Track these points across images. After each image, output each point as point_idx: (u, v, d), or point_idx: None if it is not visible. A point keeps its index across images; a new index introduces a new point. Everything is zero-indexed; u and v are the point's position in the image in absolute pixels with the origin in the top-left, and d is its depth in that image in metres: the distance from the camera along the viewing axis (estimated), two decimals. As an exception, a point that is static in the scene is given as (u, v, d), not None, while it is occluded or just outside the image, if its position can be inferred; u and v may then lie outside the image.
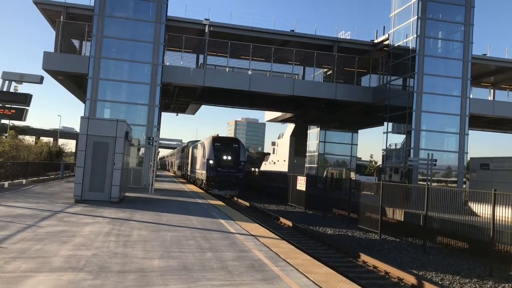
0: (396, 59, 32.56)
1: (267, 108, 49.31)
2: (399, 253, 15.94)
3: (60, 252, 8.33)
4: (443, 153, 30.34)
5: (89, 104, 28.25)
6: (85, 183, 17.01)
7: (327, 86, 35.76)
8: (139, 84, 29.65)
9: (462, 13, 30.96)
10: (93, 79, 28.33)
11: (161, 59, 29.57)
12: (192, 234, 11.35)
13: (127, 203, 18.14)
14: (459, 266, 14.17)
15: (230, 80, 33.68)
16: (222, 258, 8.77)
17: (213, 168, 31.85)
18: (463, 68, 30.53)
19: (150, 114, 29.26)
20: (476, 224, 15.72)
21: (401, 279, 11.98)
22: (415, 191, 20.33)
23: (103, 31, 28.56)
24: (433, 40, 31.32)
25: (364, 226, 20.83)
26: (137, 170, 29.02)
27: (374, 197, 21.58)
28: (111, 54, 29.14)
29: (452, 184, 30.00)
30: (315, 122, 47.24)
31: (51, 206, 15.14)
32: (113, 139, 17.39)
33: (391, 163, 32.97)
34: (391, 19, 33.30)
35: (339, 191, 30.23)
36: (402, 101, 31.21)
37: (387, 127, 33.14)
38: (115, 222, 12.51)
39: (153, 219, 13.79)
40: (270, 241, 11.11)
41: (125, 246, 9.34)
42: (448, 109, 30.55)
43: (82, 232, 10.57)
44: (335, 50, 35.76)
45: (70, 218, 12.72)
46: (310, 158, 48.50)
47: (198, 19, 33.93)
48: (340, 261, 13.95)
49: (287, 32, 35.65)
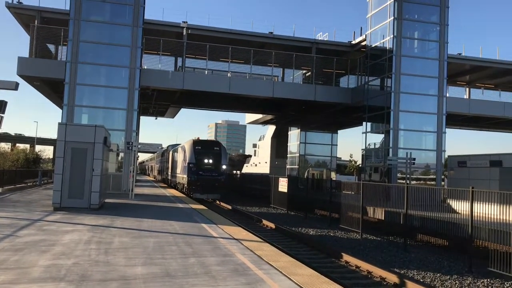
0: (373, 60, 32.94)
1: (248, 110, 49.31)
2: (380, 252, 16.09)
3: (40, 262, 8.17)
4: (421, 152, 30.81)
5: (66, 110, 27.79)
6: (64, 190, 16.74)
7: (307, 88, 35.95)
8: (117, 88, 29.30)
9: (437, 13, 31.52)
10: (70, 84, 27.89)
11: (138, 62, 29.28)
12: (174, 240, 11.27)
13: (107, 209, 17.90)
14: (439, 263, 14.38)
15: (209, 83, 33.56)
16: (206, 263, 8.72)
17: (194, 172, 31.58)
18: (439, 67, 31.06)
19: (129, 118, 28.94)
20: (455, 221, 15.98)
21: (384, 278, 12.09)
22: (394, 190, 20.58)
23: (79, 35, 28.15)
24: (410, 40, 31.79)
25: (345, 226, 20.97)
26: (116, 175, 28.67)
27: (354, 197, 21.76)
28: (88, 59, 28.73)
29: (430, 182, 30.47)
30: (296, 123, 47.47)
31: (29, 215, 14.86)
32: (92, 145, 17.16)
33: (371, 163, 33.32)
34: (368, 20, 33.68)
35: (320, 191, 30.43)
36: (380, 101, 31.58)
37: (366, 127, 33.53)
38: (95, 230, 12.34)
39: (134, 225, 13.64)
40: (253, 244, 11.10)
41: (107, 253, 9.21)
42: (425, 108, 31.03)
43: (62, 241, 10.40)
44: (313, 52, 35.99)
45: (49, 227, 12.49)
46: (291, 159, 48.69)
47: (175, 22, 33.75)
48: (323, 262, 14.02)
49: (266, 34, 35.73)
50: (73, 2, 28.05)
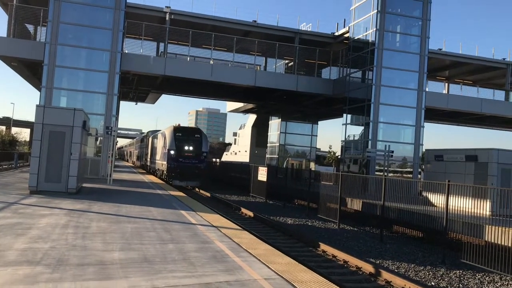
0: (355, 52, 33.09)
1: (229, 98, 49.12)
2: (357, 242, 16.33)
3: (15, 245, 8.06)
4: (399, 145, 31.23)
5: (44, 92, 27.26)
6: (41, 173, 16.48)
7: (289, 78, 35.95)
8: (97, 72, 28.82)
9: (419, 8, 31.78)
10: (48, 66, 27.31)
11: (120, 46, 28.84)
12: (152, 226, 11.24)
13: (84, 194, 17.73)
14: (414, 255, 14.68)
15: (191, 70, 33.26)
16: (184, 249, 8.74)
17: (174, 159, 31.38)
18: (420, 62, 31.40)
19: (109, 103, 28.55)
20: (430, 213, 16.31)
21: (359, 268, 12.30)
22: (372, 182, 20.87)
23: (60, 16, 27.51)
24: (392, 34, 32.01)
25: (323, 216, 21.21)
26: (95, 160, 28.35)
27: (333, 188, 22.01)
28: (68, 41, 28.16)
29: (407, 175, 30.96)
30: (277, 113, 47.55)
31: (5, 198, 14.61)
32: (70, 128, 16.89)
33: (350, 154, 33.63)
34: (352, 12, 33.76)
35: (299, 181, 30.63)
36: (361, 93, 31.82)
37: (346, 118, 33.78)
38: (72, 214, 12.22)
39: (112, 210, 13.55)
40: (231, 232, 11.14)
41: (84, 238, 9.15)
42: (405, 101, 31.39)
43: (39, 224, 10.27)
44: (296, 42, 35.95)
45: (25, 210, 12.31)
46: (271, 149, 48.84)
47: (158, 7, 33.25)
48: (300, 251, 14.17)
49: (249, 23, 35.53)
50: (54, -18, 27.41)
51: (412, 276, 12.16)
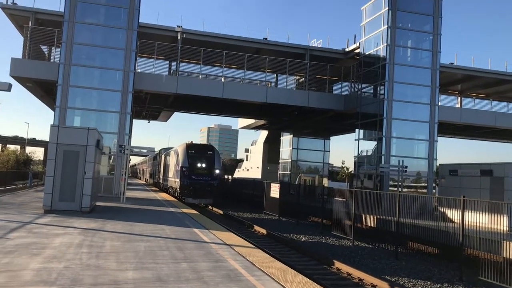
0: (367, 67, 33.12)
1: (240, 115, 49.35)
2: (372, 260, 16.13)
3: (31, 265, 8.10)
4: (413, 160, 30.93)
5: (58, 112, 27.66)
6: (55, 192, 16.62)
7: (300, 94, 36.06)
8: (110, 91, 29.21)
9: (430, 22, 31.79)
10: (62, 86, 27.76)
11: (132, 66, 29.24)
12: (166, 244, 11.22)
13: (98, 212, 17.81)
14: (430, 272, 14.44)
15: (203, 87, 33.56)
16: (197, 268, 8.70)
17: (187, 176, 31.14)
18: (432, 76, 31.31)
19: (122, 121, 28.85)
20: (446, 229, 16.06)
21: (375, 286, 12.12)
22: (386, 198, 20.66)
23: (74, 37, 28.05)
24: (403, 49, 32.00)
25: (337, 232, 21.00)
26: (108, 178, 28.54)
27: (346, 204, 21.81)
28: (82, 61, 28.63)
29: (422, 190, 30.63)
30: (288, 129, 47.55)
31: (20, 217, 14.73)
32: (84, 147, 17.07)
33: (363, 170, 33.42)
34: (362, 28, 33.89)
35: (312, 197, 30.43)
36: (373, 108, 31.75)
37: (359, 134, 33.64)
38: (86, 233, 12.26)
39: (126, 229, 13.57)
40: (245, 250, 11.08)
41: (98, 257, 9.16)
42: (418, 116, 31.23)
43: (53, 244, 10.32)
44: (307, 58, 36.13)
45: (40, 229, 12.39)
46: (283, 165, 48.72)
47: (170, 26, 33.74)
48: (314, 269, 14.02)
49: (260, 40, 35.82)
50: (68, 4, 28.01)
51: (429, 294, 11.94)
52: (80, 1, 28.29)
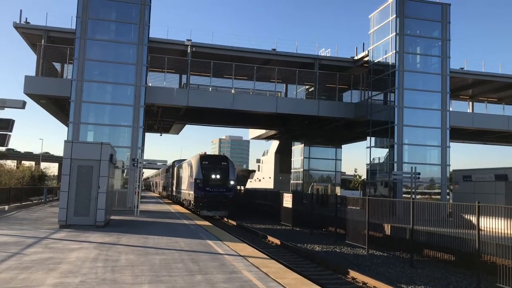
0: (376, 75, 33.10)
1: (251, 125, 49.45)
2: (387, 268, 16.01)
3: (47, 281, 8.21)
4: (425, 166, 30.72)
5: (72, 127, 28.03)
6: (70, 207, 16.81)
7: (310, 103, 36.10)
8: (122, 106, 29.54)
9: (439, 28, 31.76)
10: (75, 102, 28.16)
11: (144, 80, 29.57)
12: (180, 257, 11.28)
13: (113, 226, 17.94)
14: (446, 279, 14.29)
15: (213, 99, 33.77)
16: (212, 280, 8.73)
17: (201, 188, 30.59)
18: (442, 82, 31.19)
19: (134, 135, 29.13)
20: (461, 236, 15.89)
21: (391, 294, 12.02)
22: (400, 205, 20.53)
23: (85, 54, 28.51)
24: (412, 56, 31.97)
25: (351, 241, 20.88)
26: (121, 192, 28.74)
27: (360, 212, 21.69)
28: (94, 77, 29.06)
29: (435, 196, 30.36)
30: (299, 138, 47.50)
31: (36, 233, 14.91)
32: (98, 162, 17.27)
33: (376, 177, 33.25)
34: (370, 36, 33.94)
35: (325, 207, 30.29)
36: (383, 115, 31.67)
37: (370, 141, 33.52)
38: (101, 247, 12.37)
39: (140, 242, 13.67)
40: (259, 261, 11.09)
41: (113, 271, 9.24)
42: (429, 122, 31.08)
43: (69, 259, 10.43)
44: (316, 68, 36.20)
45: (55, 244, 12.53)
46: (295, 174, 48.62)
47: (180, 40, 34.10)
48: (329, 279, 13.95)
49: (269, 51, 36.00)
50: (79, 21, 28.51)
51: (446, 301, 11.81)
52: (91, 18, 28.79)
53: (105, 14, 29.68)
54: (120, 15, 29.93)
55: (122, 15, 29.92)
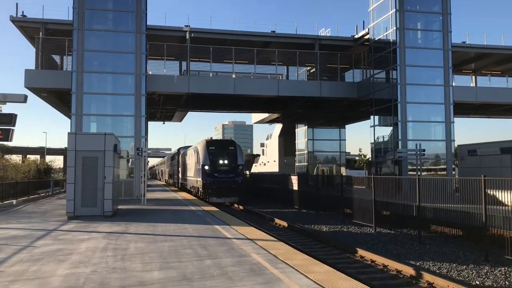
0: (377, 53, 32.84)
1: (254, 110, 49.34)
2: (395, 245, 16.06)
3: (58, 272, 8.27)
4: (430, 142, 30.68)
5: (74, 119, 28.05)
6: (77, 199, 16.90)
7: (312, 84, 35.90)
8: (123, 95, 29.52)
9: (439, 3, 31.37)
10: (77, 94, 28.14)
11: (144, 68, 29.46)
12: (189, 243, 11.35)
13: (120, 216, 18.05)
14: (454, 254, 14.33)
15: (214, 85, 33.65)
16: (221, 264, 8.79)
17: (209, 174, 29.71)
18: (444, 57, 30.93)
19: (137, 124, 29.13)
20: (468, 210, 15.89)
21: (400, 271, 12.08)
22: (406, 183, 20.49)
23: (84, 44, 28.39)
24: (413, 32, 31.67)
25: (358, 220, 20.95)
26: (128, 181, 28.87)
27: (366, 191, 21.71)
28: (93, 67, 28.98)
29: (441, 172, 30.34)
30: (302, 120, 47.36)
31: (45, 225, 15.02)
32: (102, 153, 17.30)
33: (381, 156, 33.21)
34: (370, 13, 33.58)
35: (331, 187, 30.32)
36: (386, 94, 31.50)
37: (374, 120, 33.41)
38: (110, 237, 12.46)
39: (149, 230, 13.75)
40: (267, 244, 11.15)
41: (123, 260, 9.31)
42: (432, 98, 30.90)
43: (79, 249, 10.51)
44: (316, 48, 35.93)
45: (65, 236, 12.63)
46: (300, 156, 48.61)
47: (178, 26, 33.83)
48: (338, 258, 14.02)
49: (268, 34, 35.74)
50: (76, 12, 28.34)
51: (455, 276, 11.87)
52: (87, 9, 28.60)
53: (101, 3, 29.48)
54: (117, 4, 29.74)
55: (118, 4, 29.73)
